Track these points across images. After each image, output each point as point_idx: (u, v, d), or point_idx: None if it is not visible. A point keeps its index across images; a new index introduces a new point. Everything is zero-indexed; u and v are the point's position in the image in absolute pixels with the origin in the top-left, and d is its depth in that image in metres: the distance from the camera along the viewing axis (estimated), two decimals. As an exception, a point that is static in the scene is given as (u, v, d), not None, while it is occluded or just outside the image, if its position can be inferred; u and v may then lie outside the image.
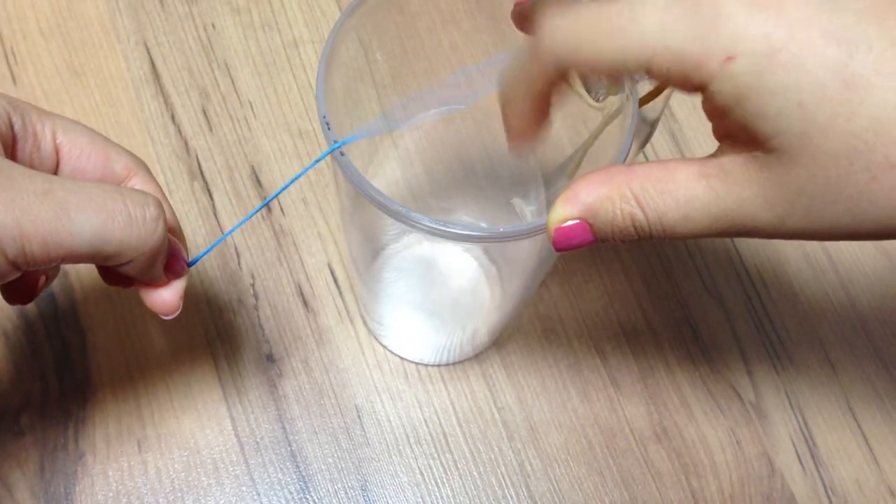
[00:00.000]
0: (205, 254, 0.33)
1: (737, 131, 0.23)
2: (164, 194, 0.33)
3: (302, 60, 0.54)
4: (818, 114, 0.21)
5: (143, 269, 0.30)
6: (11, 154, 0.30)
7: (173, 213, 0.34)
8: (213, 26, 0.54)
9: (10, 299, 0.33)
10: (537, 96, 0.27)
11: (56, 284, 0.47)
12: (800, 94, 0.21)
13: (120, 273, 0.30)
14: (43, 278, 0.33)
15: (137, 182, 0.33)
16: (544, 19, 0.25)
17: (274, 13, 0.55)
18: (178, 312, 0.33)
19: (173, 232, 0.33)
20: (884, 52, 0.21)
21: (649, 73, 0.23)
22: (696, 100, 0.24)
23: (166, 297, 0.32)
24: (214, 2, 0.55)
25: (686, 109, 0.55)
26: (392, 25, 0.34)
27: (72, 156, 0.32)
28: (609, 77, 0.25)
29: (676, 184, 0.24)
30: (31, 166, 0.30)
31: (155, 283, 0.32)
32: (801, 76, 0.21)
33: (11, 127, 0.30)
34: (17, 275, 0.27)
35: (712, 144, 0.25)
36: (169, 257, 0.31)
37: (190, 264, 0.33)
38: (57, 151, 0.31)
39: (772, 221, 0.23)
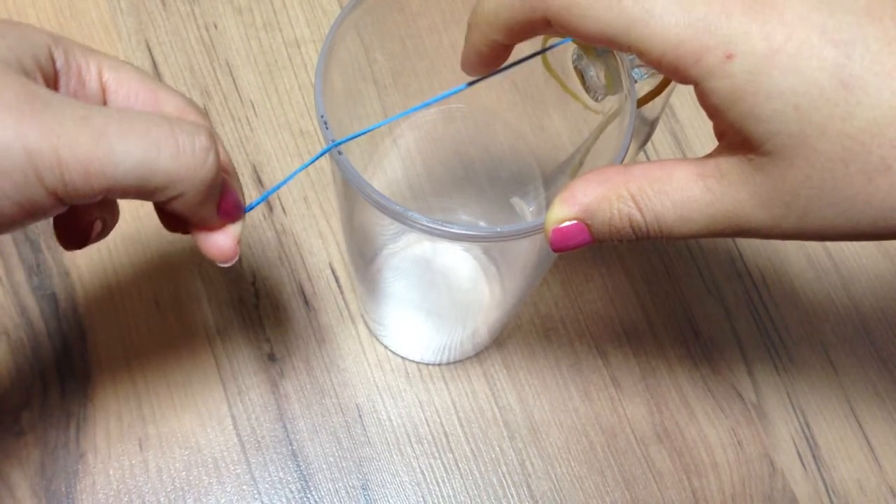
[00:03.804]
0: (262, 199, 0.31)
1: (731, 132, 0.23)
2: (215, 132, 0.31)
3: (303, 60, 0.54)
4: (814, 115, 0.21)
5: (195, 206, 0.28)
6: (54, 90, 0.28)
7: (227, 153, 0.31)
8: (215, 26, 0.54)
9: (64, 242, 0.31)
10: (509, 31, 0.25)
11: (57, 283, 0.47)
12: (796, 97, 0.21)
13: (174, 214, 0.28)
14: (99, 224, 0.31)
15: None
16: None
17: (276, 13, 0.55)
18: (234, 260, 0.31)
19: (226, 172, 0.31)
20: (881, 53, 0.21)
21: (640, 55, 0.23)
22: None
23: (221, 243, 0.30)
24: (216, 1, 0.55)
25: (687, 109, 0.55)
26: (393, 24, 0.34)
27: (119, 94, 0.30)
28: (597, 44, 0.23)
29: (673, 185, 0.24)
30: None
31: (209, 226, 0.30)
32: (798, 79, 0.21)
33: (53, 62, 0.28)
34: (60, 209, 0.26)
35: (713, 144, 0.25)
36: (222, 199, 0.29)
37: (247, 209, 0.31)
38: (104, 90, 0.30)
39: (767, 222, 0.23)
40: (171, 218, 0.31)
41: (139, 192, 0.26)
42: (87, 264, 0.48)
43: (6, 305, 0.47)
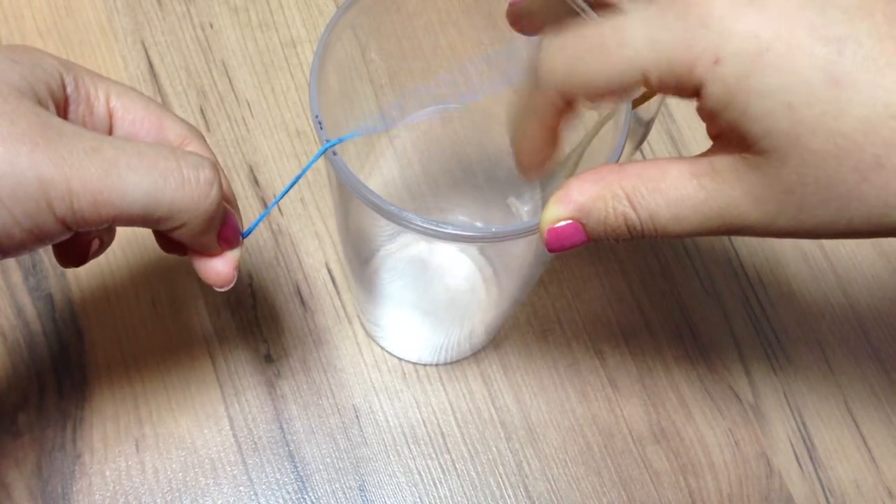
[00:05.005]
0: (258, 223, 0.32)
1: (727, 132, 0.23)
2: (218, 163, 0.32)
3: (300, 60, 0.54)
4: (807, 113, 0.21)
5: (197, 235, 0.29)
6: (64, 116, 0.29)
7: (228, 183, 0.32)
8: (211, 26, 0.54)
9: (62, 261, 0.32)
10: (546, 126, 0.26)
11: (54, 284, 0.47)
12: (787, 95, 0.21)
13: (174, 239, 0.29)
14: (97, 242, 0.32)
15: (192, 150, 0.31)
16: (542, 47, 0.25)
17: (272, 13, 0.55)
18: (231, 284, 0.32)
19: (227, 201, 0.32)
20: (872, 49, 0.21)
21: (647, 85, 0.23)
22: (694, 100, 0.24)
23: (220, 269, 0.31)
24: (212, 1, 0.55)
25: (683, 109, 0.55)
26: (389, 24, 0.34)
27: (125, 121, 0.31)
28: (612, 97, 0.25)
29: (668, 183, 0.24)
30: None
31: (209, 253, 0.31)
32: (789, 76, 0.21)
33: (64, 88, 0.29)
34: (67, 235, 0.27)
35: (709, 144, 0.25)
36: (223, 227, 0.31)
37: (244, 235, 0.32)
38: (110, 116, 0.31)
39: (762, 220, 0.23)
40: (169, 241, 0.31)
41: (144, 221, 0.28)
42: (87, 272, 0.48)
43: (2, 306, 0.47)
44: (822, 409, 0.49)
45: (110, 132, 0.31)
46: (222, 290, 0.32)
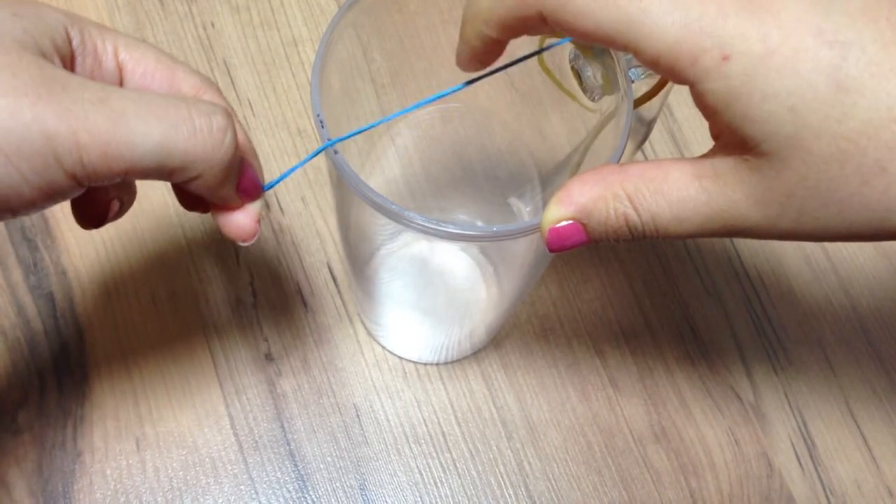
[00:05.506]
0: (284, 177, 0.31)
1: (727, 133, 0.23)
2: (233, 111, 0.30)
3: (301, 59, 0.54)
4: (810, 117, 0.21)
5: (214, 187, 0.28)
6: (70, 70, 0.28)
7: (245, 132, 0.31)
8: (213, 25, 0.54)
9: (81, 222, 0.31)
10: (503, 27, 0.25)
11: (54, 282, 0.47)
12: (791, 99, 0.21)
13: (193, 194, 0.29)
14: (116, 203, 0.31)
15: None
16: None
17: (273, 12, 0.55)
18: (255, 238, 0.31)
19: (245, 151, 0.31)
20: (877, 55, 0.21)
21: (636, 54, 0.22)
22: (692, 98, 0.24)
23: (241, 222, 0.30)
24: (214, 0, 0.55)
25: (685, 109, 0.55)
26: (391, 24, 0.34)
27: (136, 73, 0.30)
28: (585, 43, 0.23)
29: (669, 184, 0.24)
30: None
31: (228, 206, 0.30)
32: (794, 80, 0.21)
33: (70, 41, 0.28)
34: (79, 191, 0.26)
35: (711, 144, 0.25)
36: (241, 178, 0.30)
37: (266, 187, 0.31)
38: (120, 69, 0.30)
39: (763, 223, 0.23)
40: (190, 197, 0.31)
41: (158, 173, 0.27)
42: (84, 263, 0.48)
43: (3, 305, 0.47)
44: (822, 409, 0.49)
45: (120, 86, 0.30)
46: (245, 244, 0.31)
